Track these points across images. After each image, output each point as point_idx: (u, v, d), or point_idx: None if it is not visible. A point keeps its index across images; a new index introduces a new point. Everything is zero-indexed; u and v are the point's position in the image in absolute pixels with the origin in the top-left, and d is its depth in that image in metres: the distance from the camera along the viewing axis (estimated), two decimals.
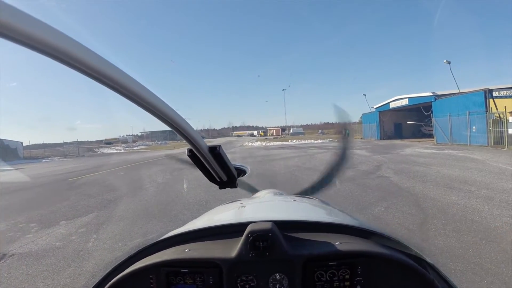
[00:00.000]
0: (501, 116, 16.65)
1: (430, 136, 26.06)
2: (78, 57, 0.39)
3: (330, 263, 0.89)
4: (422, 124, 30.32)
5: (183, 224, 1.32)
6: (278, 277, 0.90)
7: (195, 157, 0.88)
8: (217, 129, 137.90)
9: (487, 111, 17.91)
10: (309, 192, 1.99)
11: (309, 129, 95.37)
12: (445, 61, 24.44)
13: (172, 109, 0.63)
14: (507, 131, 15.95)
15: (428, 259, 0.90)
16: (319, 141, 36.20)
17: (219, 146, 0.87)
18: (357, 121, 42.71)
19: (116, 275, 0.92)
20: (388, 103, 32.14)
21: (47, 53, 0.37)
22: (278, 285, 0.90)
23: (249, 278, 0.91)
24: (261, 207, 1.49)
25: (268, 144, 35.18)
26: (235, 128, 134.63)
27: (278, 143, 37.08)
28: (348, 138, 1.87)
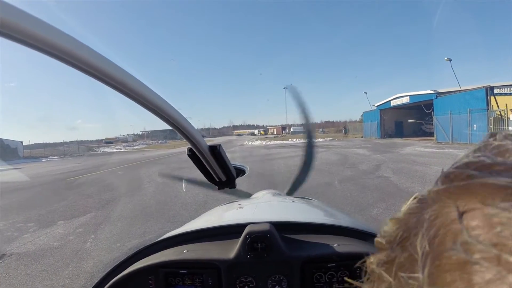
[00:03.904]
0: (502, 114, 16.61)
1: (431, 134, 26.06)
2: (78, 55, 0.39)
3: (329, 265, 0.89)
4: (423, 122, 30.33)
5: (181, 225, 1.32)
6: (277, 278, 0.90)
7: (195, 157, 0.87)
8: (218, 128, 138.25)
9: (488, 108, 17.88)
10: (290, 192, 1.98)
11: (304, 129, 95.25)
12: (446, 58, 24.50)
13: (173, 108, 0.62)
14: (508, 129, 15.89)
15: None
16: (320, 139, 36.23)
17: (219, 145, 0.86)
18: (358, 119, 42.82)
19: (115, 276, 0.92)
20: (389, 101, 32.13)
21: (47, 52, 0.36)
22: (277, 286, 0.90)
23: (248, 279, 0.91)
24: (259, 208, 1.49)
25: (269, 143, 35.20)
26: (235, 127, 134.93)
27: (278, 142, 37.10)
28: (311, 135, 1.84)
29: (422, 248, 0.20)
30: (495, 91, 18.10)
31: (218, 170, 0.94)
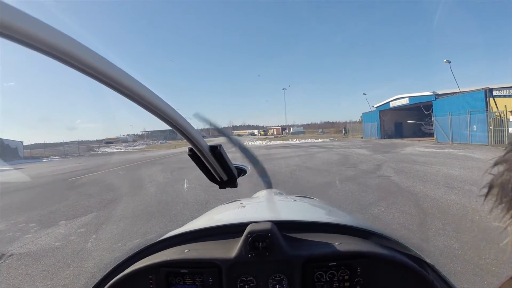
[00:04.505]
0: (502, 115, 16.62)
1: (431, 135, 26.05)
2: (78, 56, 0.39)
3: (329, 264, 0.89)
4: (423, 123, 30.32)
5: (182, 224, 1.32)
6: (277, 277, 0.90)
7: (196, 157, 0.87)
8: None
9: (487, 110, 17.85)
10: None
11: (309, 128, 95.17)
12: (445, 60, 24.47)
13: (173, 109, 0.63)
14: (508, 130, 15.91)
15: (427, 260, 0.90)
16: (320, 140, 36.21)
17: (220, 145, 0.86)
18: (358, 120, 42.84)
19: (116, 276, 0.92)
20: (389, 102, 32.11)
21: (47, 53, 0.36)
22: (277, 285, 0.90)
23: (248, 278, 0.91)
24: (261, 207, 1.49)
25: (269, 143, 35.18)
26: (235, 128, 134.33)
27: (278, 142, 37.10)
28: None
29: None
30: (494, 93, 18.07)
31: (219, 170, 0.94)
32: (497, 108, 17.48)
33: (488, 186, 0.36)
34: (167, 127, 0.68)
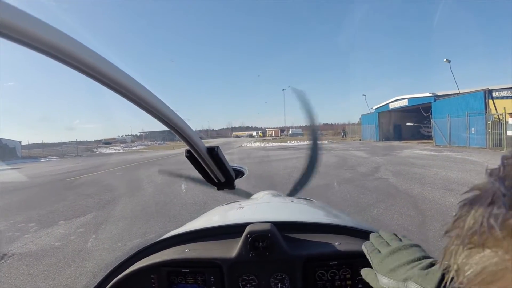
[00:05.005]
0: (500, 117, 16.64)
1: (429, 137, 26.04)
2: (77, 56, 0.39)
3: (331, 263, 0.90)
4: (421, 125, 30.32)
5: (181, 225, 1.33)
6: (279, 276, 0.92)
7: (193, 158, 0.86)
8: (216, 129, 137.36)
9: (486, 112, 17.85)
10: (292, 193, 1.99)
11: (308, 130, 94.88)
12: (445, 60, 24.38)
13: (171, 110, 0.63)
14: (506, 133, 15.92)
15: None
16: (318, 142, 36.09)
17: (217, 147, 0.86)
18: (357, 122, 42.87)
19: (117, 275, 0.93)
20: (388, 103, 32.07)
21: (47, 52, 0.36)
22: (279, 284, 0.91)
23: (250, 277, 0.92)
24: (260, 208, 1.49)
25: (267, 145, 35.10)
26: (234, 129, 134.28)
27: (277, 144, 37.02)
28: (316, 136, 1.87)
29: None
30: (494, 94, 18.03)
31: (216, 172, 0.94)
32: (496, 110, 17.49)
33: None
34: (166, 128, 0.67)
